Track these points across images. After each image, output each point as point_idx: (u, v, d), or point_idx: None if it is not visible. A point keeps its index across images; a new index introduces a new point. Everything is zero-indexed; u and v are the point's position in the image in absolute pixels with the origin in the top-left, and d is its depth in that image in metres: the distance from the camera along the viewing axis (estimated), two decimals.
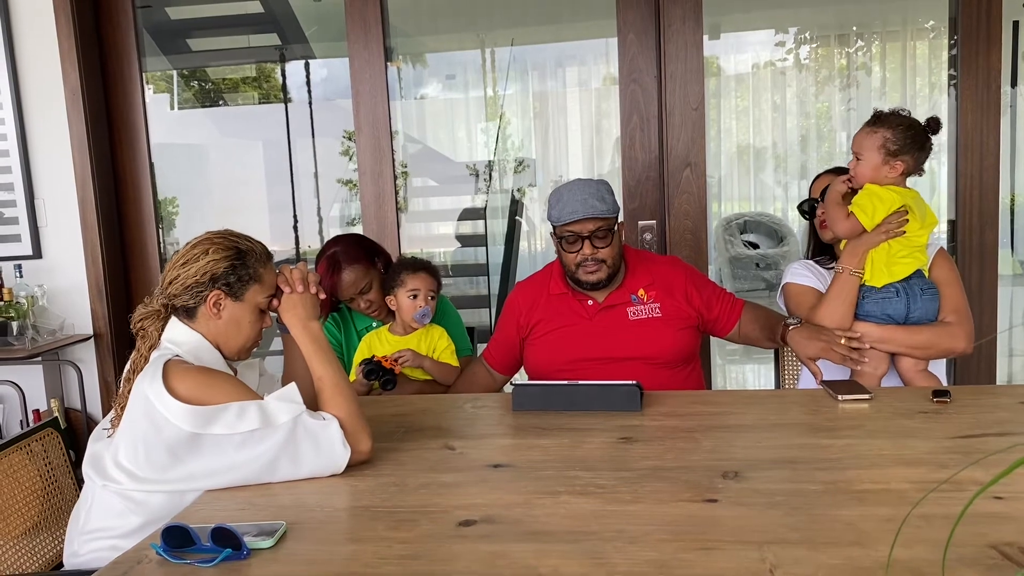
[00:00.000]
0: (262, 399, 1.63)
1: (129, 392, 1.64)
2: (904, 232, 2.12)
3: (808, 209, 2.40)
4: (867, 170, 2.13)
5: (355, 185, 5.89)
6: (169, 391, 1.58)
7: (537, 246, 6.52)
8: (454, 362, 2.48)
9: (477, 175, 6.19)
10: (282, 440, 1.58)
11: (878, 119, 2.15)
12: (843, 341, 2.10)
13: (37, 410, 3.52)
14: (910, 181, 2.20)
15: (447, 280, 5.92)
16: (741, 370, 5.46)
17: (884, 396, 2.00)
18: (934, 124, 2.14)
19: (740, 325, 2.42)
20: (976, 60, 3.13)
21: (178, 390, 1.58)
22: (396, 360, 2.35)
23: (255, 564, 1.28)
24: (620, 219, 2.37)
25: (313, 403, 1.69)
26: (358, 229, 4.10)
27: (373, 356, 2.36)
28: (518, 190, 6.27)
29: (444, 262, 6.02)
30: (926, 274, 2.19)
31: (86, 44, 3.46)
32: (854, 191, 2.17)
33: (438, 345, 2.47)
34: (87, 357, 3.56)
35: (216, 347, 1.74)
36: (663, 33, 3.24)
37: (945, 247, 3.57)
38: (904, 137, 2.10)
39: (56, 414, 3.45)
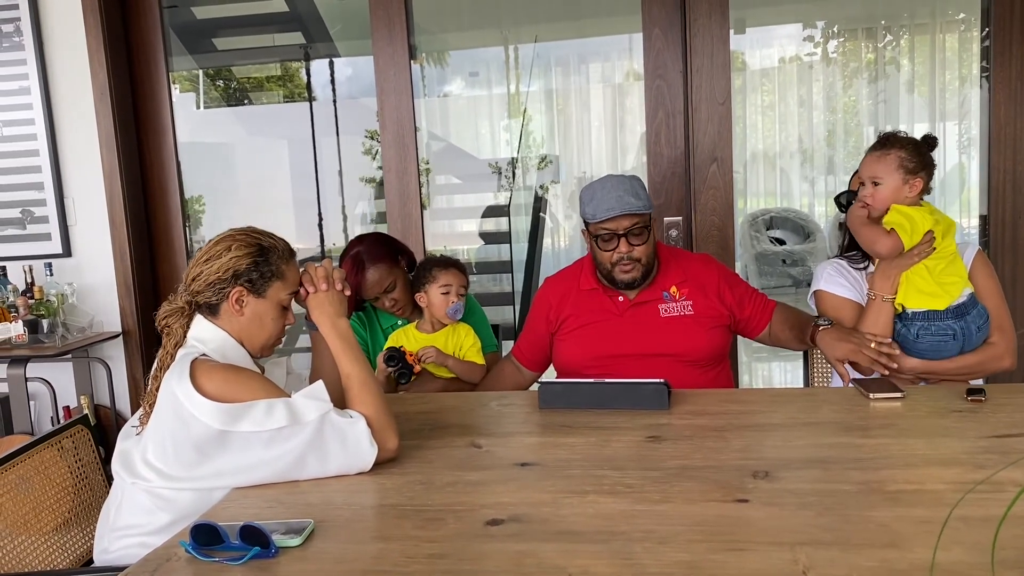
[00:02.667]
0: (289, 396, 1.63)
1: (157, 389, 1.65)
2: (934, 249, 2.08)
3: (846, 202, 2.34)
4: (888, 193, 2.07)
5: (379, 183, 5.91)
6: (197, 389, 1.58)
7: (561, 243, 6.50)
8: (480, 360, 2.47)
9: (500, 172, 6.18)
10: (309, 437, 1.58)
11: (886, 142, 2.10)
12: (873, 345, 2.07)
13: (67, 407, 3.56)
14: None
15: (470, 278, 5.91)
16: (768, 368, 5.41)
17: (917, 394, 1.97)
18: (931, 141, 2.10)
19: (771, 326, 2.39)
20: (1009, 51, 3.07)
21: (206, 388, 1.59)
22: (420, 359, 2.35)
23: (283, 562, 1.28)
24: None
25: (341, 401, 1.69)
26: (382, 227, 4.10)
27: (401, 347, 2.35)
28: (541, 187, 6.26)
29: (468, 259, 6.02)
30: (970, 286, 2.14)
31: (114, 44, 3.49)
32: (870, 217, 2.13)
33: (464, 343, 2.46)
34: (116, 354, 3.60)
35: (241, 344, 1.74)
36: (689, 28, 3.21)
37: (977, 242, 3.52)
38: (918, 154, 2.06)
39: (86, 411, 3.49)
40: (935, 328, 2.10)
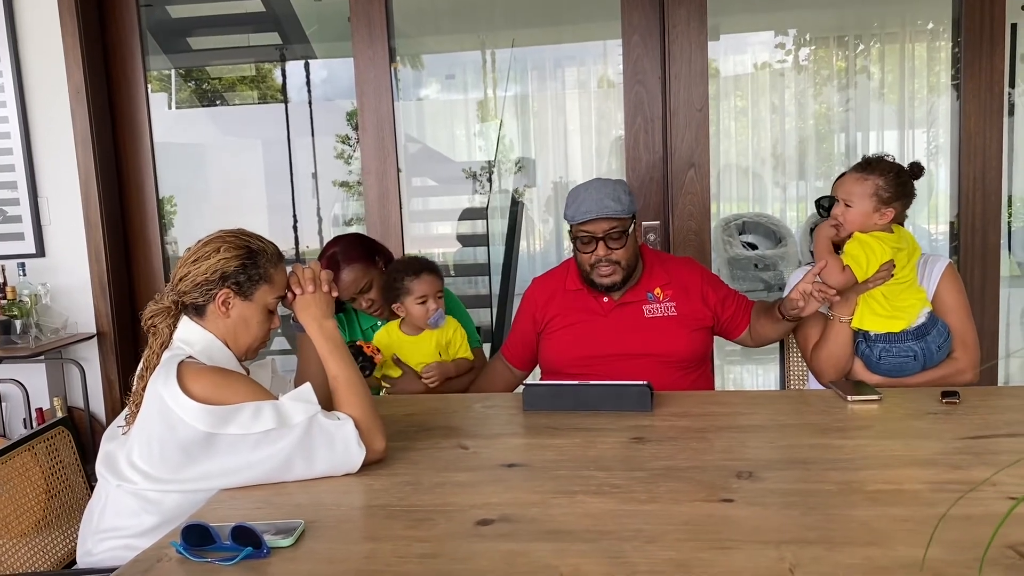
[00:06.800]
0: (277, 399, 1.63)
1: (143, 390, 1.64)
2: (893, 276, 2.10)
3: (828, 206, 2.36)
4: (857, 217, 2.09)
5: (351, 187, 5.90)
6: (184, 391, 1.58)
7: (536, 246, 6.54)
8: (469, 355, 2.50)
9: (475, 176, 6.20)
10: (297, 440, 1.59)
11: (867, 166, 2.10)
12: (812, 282, 2.10)
13: (40, 408, 3.52)
14: None
15: (448, 280, 5.93)
16: (741, 371, 5.47)
17: (893, 397, 2.01)
18: (917, 170, 2.11)
19: (751, 324, 2.42)
20: (979, 62, 3.14)
21: (193, 390, 1.58)
22: (379, 350, 2.34)
23: (275, 563, 1.28)
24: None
25: (328, 402, 1.69)
26: (357, 229, 4.10)
27: (355, 340, 2.34)
28: (515, 190, 6.29)
29: (445, 262, 6.02)
30: (929, 305, 2.17)
31: (90, 42, 3.45)
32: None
33: (454, 339, 2.47)
34: (90, 355, 3.55)
35: (227, 346, 1.74)
36: (667, 34, 3.25)
37: (946, 248, 3.60)
38: (896, 184, 2.07)
39: (59, 412, 3.45)
40: (896, 350, 2.14)
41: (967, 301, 2.24)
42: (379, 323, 2.56)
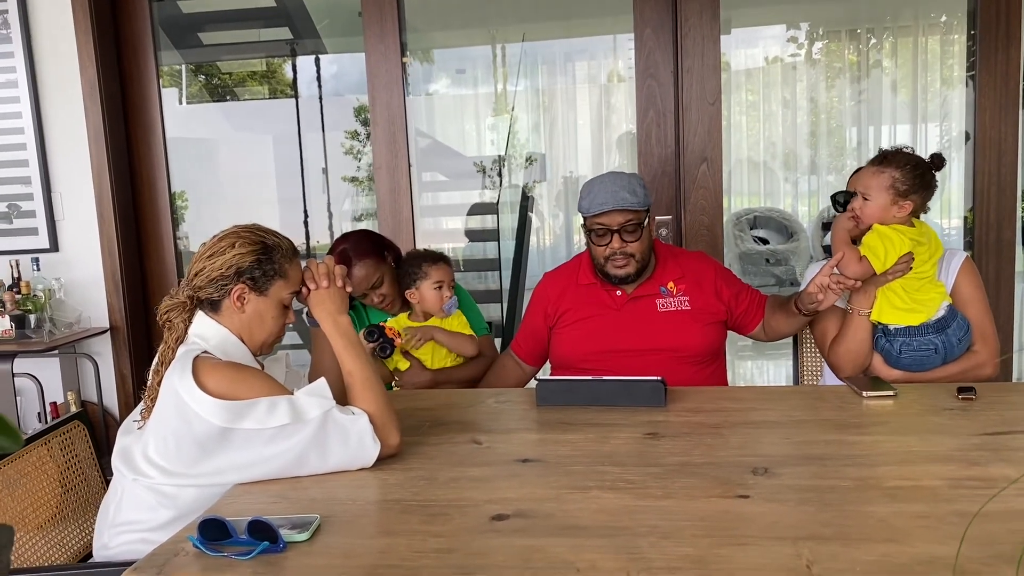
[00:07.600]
0: (291, 394, 1.63)
1: (159, 385, 1.65)
2: (911, 269, 2.09)
3: (843, 201, 2.35)
4: (875, 211, 2.08)
5: (361, 182, 5.90)
6: (199, 386, 1.58)
7: (546, 241, 6.53)
8: (467, 331, 2.52)
9: (484, 171, 6.20)
10: (312, 435, 1.59)
11: (885, 158, 2.09)
12: (829, 275, 2.10)
13: (54, 403, 3.54)
14: None
15: (457, 275, 5.92)
16: (753, 366, 5.46)
17: (909, 393, 2.00)
18: (938, 161, 2.09)
19: (765, 319, 2.42)
20: (995, 55, 3.12)
21: (208, 385, 1.59)
22: (400, 334, 2.37)
23: (291, 557, 1.29)
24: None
25: (342, 397, 1.69)
26: (367, 225, 4.10)
27: (380, 323, 2.38)
28: (526, 185, 6.28)
29: (455, 257, 6.02)
30: (948, 299, 2.16)
31: (103, 38, 3.47)
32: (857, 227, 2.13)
33: (452, 323, 2.50)
34: (103, 350, 3.57)
35: (242, 341, 1.74)
36: (680, 28, 3.24)
37: (961, 243, 3.58)
38: (913, 177, 2.05)
39: (73, 407, 3.47)
40: (917, 343, 2.13)
41: (985, 294, 2.23)
42: (388, 318, 2.57)
